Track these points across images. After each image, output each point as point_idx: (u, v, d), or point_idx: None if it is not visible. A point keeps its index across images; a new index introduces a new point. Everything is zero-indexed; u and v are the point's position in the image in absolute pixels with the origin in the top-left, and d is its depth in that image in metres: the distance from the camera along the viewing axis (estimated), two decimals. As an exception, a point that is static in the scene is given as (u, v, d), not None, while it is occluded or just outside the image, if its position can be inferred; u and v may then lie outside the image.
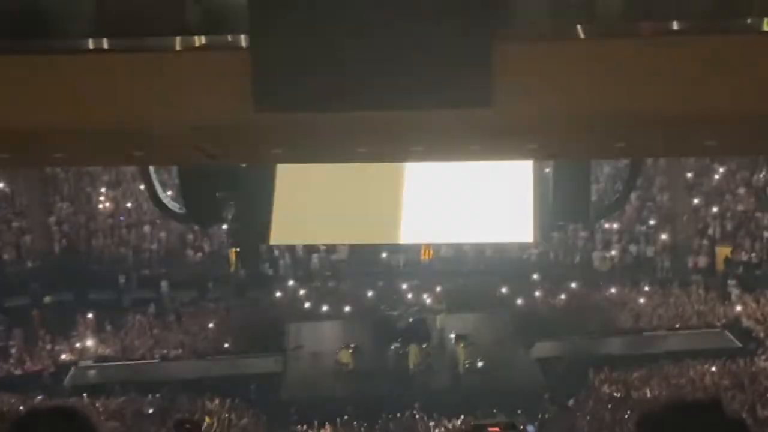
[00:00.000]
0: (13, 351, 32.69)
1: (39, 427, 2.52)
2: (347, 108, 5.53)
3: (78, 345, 32.75)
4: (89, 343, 32.85)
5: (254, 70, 5.55)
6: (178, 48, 6.02)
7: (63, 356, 32.27)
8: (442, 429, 26.97)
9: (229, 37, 6.01)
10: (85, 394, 28.88)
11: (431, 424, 26.98)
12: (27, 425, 2.51)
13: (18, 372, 31.37)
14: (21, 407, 27.62)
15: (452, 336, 32.07)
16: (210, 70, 5.90)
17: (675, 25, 6.07)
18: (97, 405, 28.15)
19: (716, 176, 38.77)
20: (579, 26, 6.07)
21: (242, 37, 5.79)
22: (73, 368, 31.67)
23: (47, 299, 35.35)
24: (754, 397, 26.76)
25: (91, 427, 2.61)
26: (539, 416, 27.61)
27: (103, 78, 5.97)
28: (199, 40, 6.07)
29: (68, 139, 7.04)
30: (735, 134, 7.70)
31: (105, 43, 6.02)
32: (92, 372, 31.55)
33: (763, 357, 30.12)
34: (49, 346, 32.94)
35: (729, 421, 2.69)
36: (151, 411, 27.82)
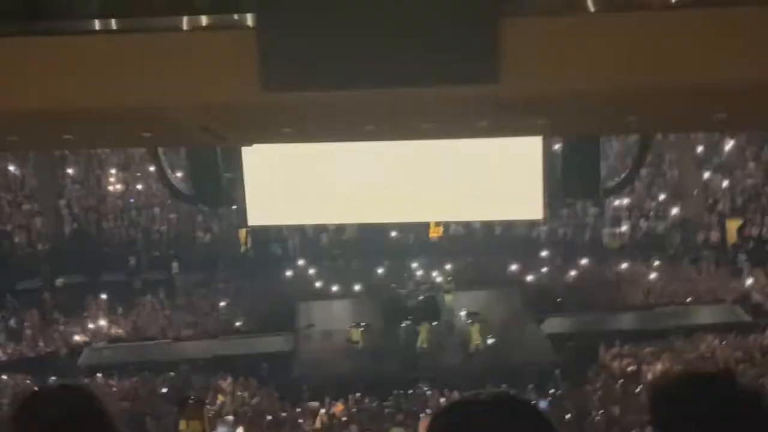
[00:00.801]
0: (26, 333, 32.89)
1: (45, 405, 2.50)
2: (354, 86, 5.50)
3: (90, 326, 32.95)
4: (101, 324, 33.04)
5: (261, 49, 5.54)
6: (185, 28, 6.01)
7: (75, 338, 32.48)
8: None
9: (236, 16, 5.99)
10: (98, 375, 29.08)
11: (442, 400, 27.07)
12: (33, 404, 2.50)
13: (31, 354, 31.57)
14: (35, 389, 27.87)
15: (462, 313, 32.13)
16: (217, 50, 5.89)
17: (685, -3, 6.02)
18: (110, 385, 28.37)
19: (726, 150, 38.60)
20: None
21: (249, 16, 5.77)
22: (85, 349, 31.88)
23: (59, 281, 35.53)
24: (765, 371, 26.78)
25: (98, 403, 2.59)
26: (551, 392, 27.69)
27: (110, 59, 5.96)
28: (206, 20, 6.05)
29: (77, 120, 7.04)
30: (745, 107, 7.65)
31: (112, 24, 6.00)
32: (105, 353, 31.76)
33: (774, 331, 30.12)
34: (61, 328, 33.16)
35: (743, 391, 2.69)
36: (164, 390, 28.00)
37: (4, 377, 28.91)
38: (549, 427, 2.27)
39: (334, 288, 35.39)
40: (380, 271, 36.16)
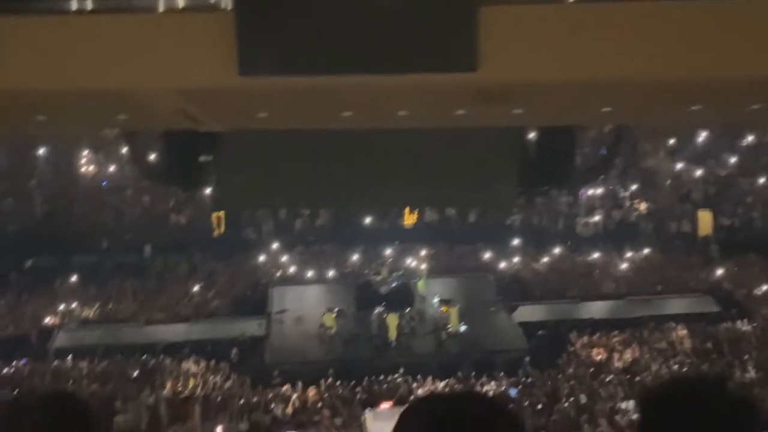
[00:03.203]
0: (-5, 314, 32.62)
1: (25, 415, 2.40)
2: (333, 71, 5.50)
3: (61, 309, 32.68)
4: (72, 306, 32.79)
5: (239, 33, 5.52)
6: (161, 9, 5.97)
7: (46, 320, 32.21)
8: (426, 391, 27.14)
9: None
10: (69, 357, 28.90)
11: (414, 385, 27.17)
12: (12, 416, 2.39)
13: (1, 335, 31.28)
14: (5, 370, 27.67)
15: (435, 300, 32.19)
16: (193, 33, 5.86)
17: (662, -10, 6.06)
18: (81, 368, 28.20)
19: (699, 141, 38.86)
20: (566, -10, 6.05)
21: (226, -1, 5.75)
22: (56, 332, 31.62)
23: (29, 263, 35.21)
24: (733, 361, 27.09)
25: (88, 414, 2.49)
26: (521, 380, 27.86)
27: (85, 40, 5.92)
28: (183, 1, 6.02)
29: (50, 101, 6.98)
30: (720, 99, 7.71)
31: (88, 4, 5.97)
32: (76, 335, 31.50)
33: (743, 321, 30.41)
34: (32, 310, 32.86)
35: (735, 399, 2.70)
36: (135, 374, 27.88)
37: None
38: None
39: (308, 273, 35.35)
40: (354, 257, 36.16)
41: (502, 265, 35.73)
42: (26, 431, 2.32)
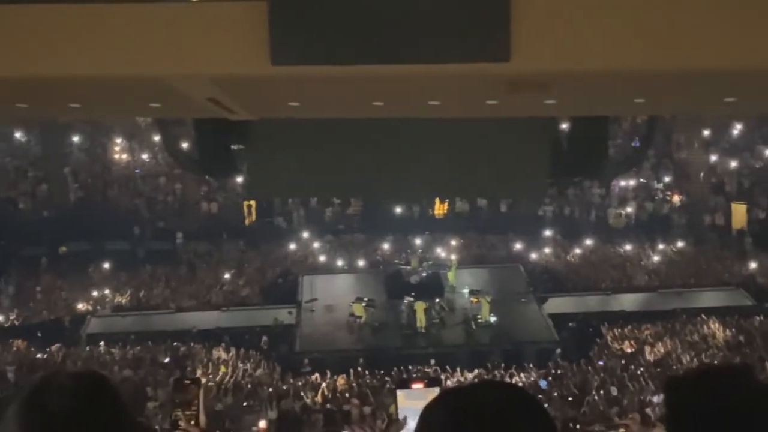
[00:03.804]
0: (30, 299, 33.00)
1: (53, 394, 2.37)
2: (364, 61, 5.48)
3: (94, 294, 33.02)
4: (105, 292, 33.12)
5: (271, 22, 5.51)
6: (195, -1, 5.99)
7: (79, 305, 32.56)
8: (455, 381, 27.12)
9: (247, -11, 5.96)
10: (101, 343, 29.19)
11: (443, 376, 27.15)
12: (40, 393, 2.37)
13: (36, 320, 31.66)
14: (38, 355, 27.99)
15: (465, 290, 32.14)
16: (227, 22, 5.86)
17: (699, -20, 5.98)
18: (113, 354, 28.49)
19: (734, 133, 38.43)
20: (601, -20, 6.00)
21: (260, -12, 5.74)
22: (89, 317, 31.96)
23: (62, 249, 35.59)
24: (766, 355, 26.81)
25: (110, 390, 2.46)
26: (552, 371, 27.76)
27: (120, 28, 5.94)
28: (217, -9, 6.03)
29: (85, 89, 7.03)
30: (755, 90, 7.61)
31: (122, -7, 5.99)
32: (108, 321, 31.83)
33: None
34: (65, 295, 33.24)
35: (762, 387, 2.67)
36: (166, 360, 28.12)
37: (10, 342, 29.04)
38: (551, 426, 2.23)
39: (338, 262, 35.45)
40: (384, 246, 36.19)
41: (533, 256, 35.61)
42: (55, 405, 2.30)
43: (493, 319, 30.56)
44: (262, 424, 22.70)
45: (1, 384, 25.69)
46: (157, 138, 34.87)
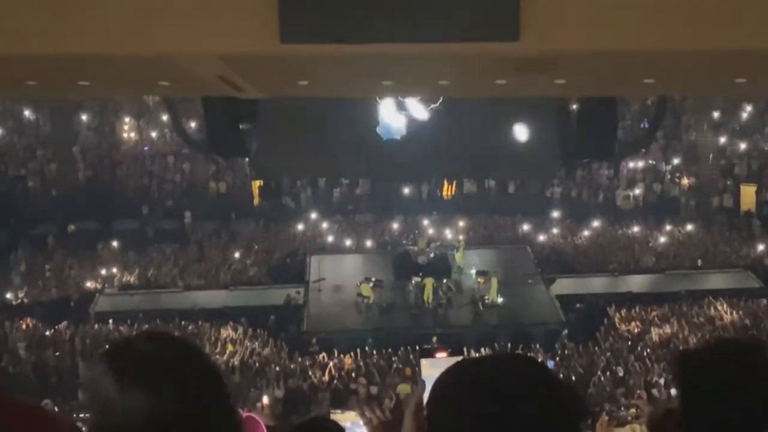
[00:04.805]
0: (39, 277, 33.15)
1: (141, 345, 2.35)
2: (373, 40, 5.47)
3: (102, 273, 33.15)
4: (113, 271, 33.24)
5: (281, 0, 5.50)
6: (204, -24, 5.97)
7: (87, 284, 32.69)
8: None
9: (256, -34, 5.94)
10: (110, 321, 29.32)
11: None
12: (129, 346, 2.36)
13: (44, 298, 31.81)
14: (47, 333, 28.14)
15: (473, 271, 32.16)
16: (237, 0, 5.85)
17: (710, -41, 5.95)
18: (121, 332, 28.61)
19: (744, 115, 38.26)
20: (611, -41, 5.97)
21: (269, -34, 5.72)
22: (97, 295, 32.09)
23: (71, 227, 35.70)
24: (773, 337, 26.82)
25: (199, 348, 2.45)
26: (558, 352, 27.81)
27: (129, 5, 5.94)
28: (226, -31, 6.01)
29: (94, 67, 7.03)
30: (765, 72, 7.58)
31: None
32: (117, 299, 31.96)
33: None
34: (73, 273, 33.37)
35: None
36: (174, 338, 28.22)
37: (19, 321, 29.20)
38: (557, 384, 2.23)
39: (346, 242, 35.50)
40: (392, 227, 36.21)
41: (541, 237, 35.59)
42: (141, 347, 2.29)
43: (500, 300, 30.58)
44: (266, 399, 22.84)
45: (13, 361, 25.89)
46: (165, 117, 34.92)
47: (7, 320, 28.63)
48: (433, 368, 2.94)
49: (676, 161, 38.49)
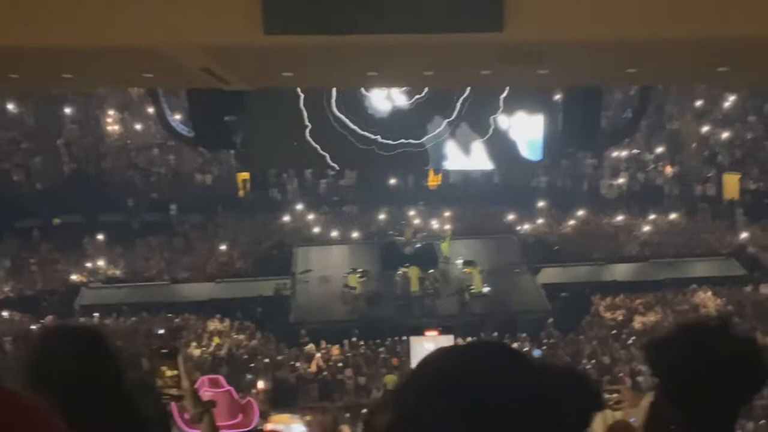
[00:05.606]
0: (24, 271, 33.04)
1: (64, 347, 2.49)
2: (357, 30, 5.48)
3: (88, 266, 33.07)
4: (99, 264, 33.16)
5: (265, -9, 5.51)
6: (188, -32, 5.97)
7: (73, 277, 32.61)
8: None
9: (240, -43, 5.95)
10: (95, 314, 29.27)
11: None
12: (51, 346, 2.49)
13: (30, 292, 31.72)
14: (32, 326, 28.07)
15: (459, 261, 32.24)
16: (220, -9, 5.86)
17: (690, -51, 5.99)
18: (107, 325, 28.58)
19: (726, 104, 38.43)
20: (593, -51, 6.00)
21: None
22: (83, 289, 32.01)
23: (56, 221, 35.56)
24: (756, 324, 27.02)
25: (106, 342, 2.59)
26: (544, 341, 27.96)
27: (112, -2, 5.93)
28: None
29: (77, 59, 7.02)
30: (747, 62, 7.64)
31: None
32: (102, 293, 31.90)
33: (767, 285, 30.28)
34: (59, 267, 33.28)
35: (738, 339, 2.74)
36: (161, 331, 28.23)
37: (5, 314, 29.12)
38: (533, 371, 2.24)
39: (332, 233, 35.51)
40: (378, 217, 36.24)
41: (526, 226, 35.69)
42: (52, 354, 2.40)
43: (486, 289, 30.67)
44: (261, 385, 22.93)
45: (-1, 355, 25.88)
46: (150, 110, 34.79)
47: (-7, 314, 28.59)
48: (422, 345, 2.96)
49: (659, 150, 38.60)
